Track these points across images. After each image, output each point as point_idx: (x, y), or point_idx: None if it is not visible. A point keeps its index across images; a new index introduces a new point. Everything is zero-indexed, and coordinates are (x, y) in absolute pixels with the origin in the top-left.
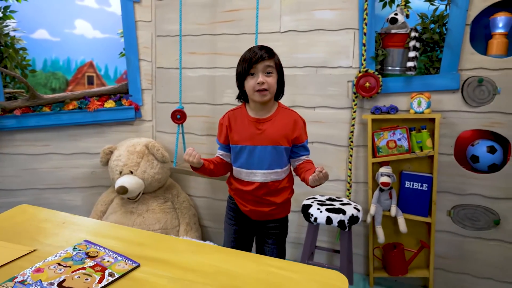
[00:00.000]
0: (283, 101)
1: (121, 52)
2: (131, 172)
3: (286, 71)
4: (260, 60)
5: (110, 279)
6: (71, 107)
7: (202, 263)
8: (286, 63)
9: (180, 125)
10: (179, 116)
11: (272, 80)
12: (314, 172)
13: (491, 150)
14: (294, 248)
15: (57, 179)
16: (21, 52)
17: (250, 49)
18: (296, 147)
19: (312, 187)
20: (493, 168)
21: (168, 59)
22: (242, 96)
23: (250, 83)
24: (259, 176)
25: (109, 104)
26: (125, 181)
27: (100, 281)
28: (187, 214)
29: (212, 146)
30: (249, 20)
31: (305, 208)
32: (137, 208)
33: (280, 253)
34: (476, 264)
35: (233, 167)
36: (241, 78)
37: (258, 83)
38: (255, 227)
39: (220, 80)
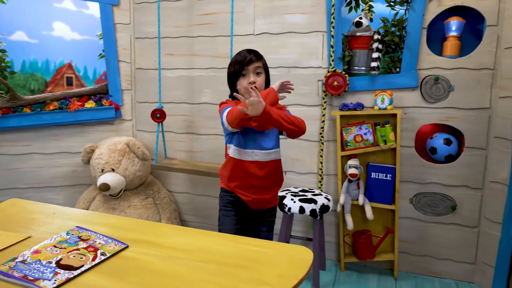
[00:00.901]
0: None
1: (101, 54)
2: (113, 170)
3: None
4: (250, 62)
5: (103, 257)
6: (51, 107)
7: (186, 243)
8: None
9: (160, 123)
10: (158, 115)
11: (261, 79)
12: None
13: (448, 142)
14: None
15: (39, 178)
16: (0, 54)
17: (239, 53)
18: None
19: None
20: (449, 158)
21: (147, 60)
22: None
23: (242, 83)
24: (259, 155)
25: (90, 104)
26: (107, 178)
27: (93, 259)
28: (168, 209)
29: (190, 144)
30: (225, 23)
31: (280, 199)
32: (119, 205)
33: (272, 239)
34: (436, 247)
35: (233, 147)
36: (233, 78)
37: (250, 83)
38: (253, 216)
39: (198, 80)
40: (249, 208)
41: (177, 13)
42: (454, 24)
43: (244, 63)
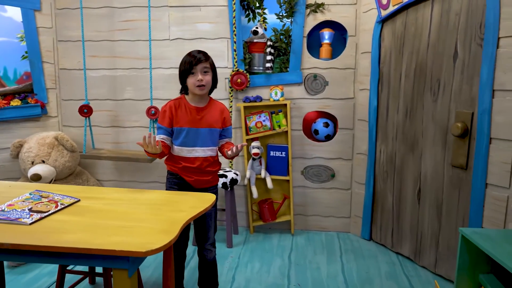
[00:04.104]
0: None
1: (23, 55)
2: (43, 161)
3: (176, 71)
4: (198, 62)
5: (62, 206)
6: None
7: (123, 196)
8: (175, 65)
9: (87, 118)
10: (86, 110)
11: (208, 77)
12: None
13: (326, 125)
14: None
15: None
16: None
17: (189, 54)
18: (224, 130)
19: (228, 158)
20: (328, 137)
21: (71, 62)
22: (184, 89)
23: (191, 81)
24: (199, 152)
25: (15, 102)
26: (38, 169)
27: (56, 207)
28: None
29: (116, 136)
30: (143, 29)
31: None
32: None
33: (216, 213)
34: (322, 207)
35: (175, 146)
36: (183, 76)
37: (198, 80)
38: None
39: (120, 79)
40: (192, 188)
41: (98, 19)
42: (326, 34)
43: (193, 63)
